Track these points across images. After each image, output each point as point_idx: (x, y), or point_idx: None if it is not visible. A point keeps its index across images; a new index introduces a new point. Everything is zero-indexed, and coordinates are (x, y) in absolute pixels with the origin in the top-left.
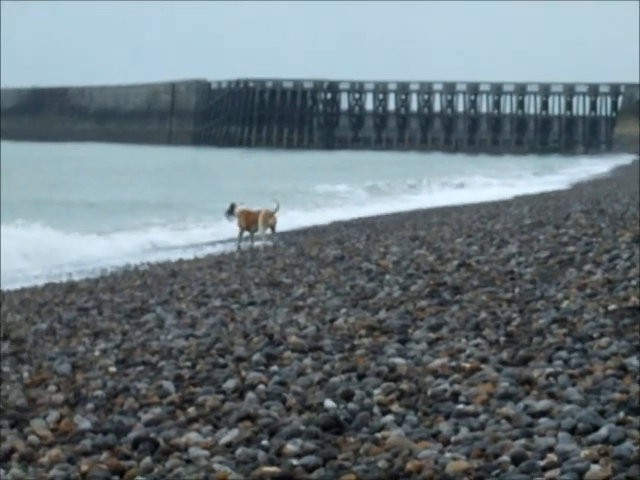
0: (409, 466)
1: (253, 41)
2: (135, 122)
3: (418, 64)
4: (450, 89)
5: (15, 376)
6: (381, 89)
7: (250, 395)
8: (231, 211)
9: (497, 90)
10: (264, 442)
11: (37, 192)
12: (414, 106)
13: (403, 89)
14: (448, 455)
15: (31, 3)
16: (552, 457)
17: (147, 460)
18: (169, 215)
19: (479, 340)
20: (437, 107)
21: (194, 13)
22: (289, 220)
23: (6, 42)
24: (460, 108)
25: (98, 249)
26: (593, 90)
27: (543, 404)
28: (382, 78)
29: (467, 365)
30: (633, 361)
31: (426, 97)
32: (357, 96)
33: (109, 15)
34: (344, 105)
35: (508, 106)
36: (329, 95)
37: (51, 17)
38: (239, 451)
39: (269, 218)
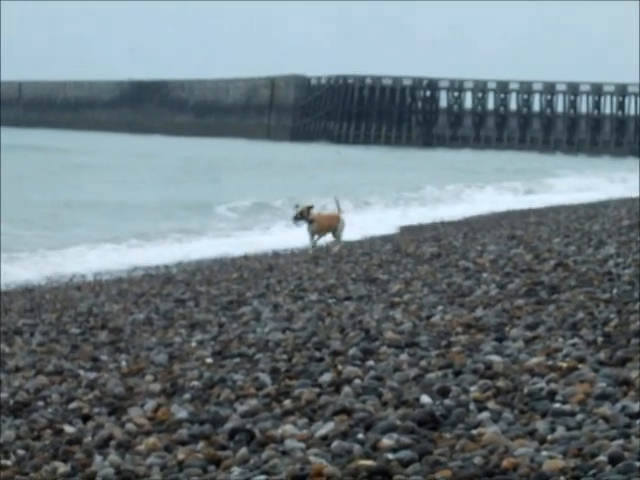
0: (505, 463)
1: (351, 37)
2: (234, 116)
3: (518, 64)
4: (550, 89)
5: (113, 365)
6: (480, 87)
7: (346, 389)
8: (301, 216)
9: (597, 91)
10: (360, 436)
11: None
12: (513, 105)
13: (502, 88)
14: (544, 453)
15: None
16: None
17: (243, 451)
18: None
19: (576, 340)
20: (536, 107)
21: (292, 10)
22: (389, 218)
23: (106, 36)
24: (559, 108)
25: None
26: None
27: None
28: (481, 77)
29: (564, 364)
30: None
31: (525, 97)
32: (456, 94)
33: (209, 10)
34: (443, 103)
35: (608, 107)
36: (428, 93)
37: (149, 11)
38: (335, 444)
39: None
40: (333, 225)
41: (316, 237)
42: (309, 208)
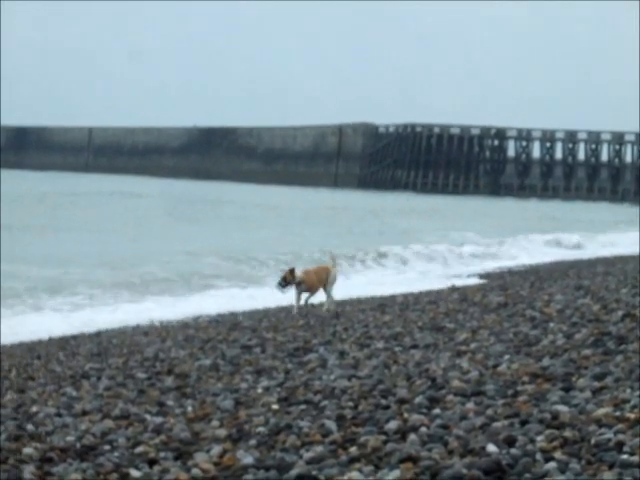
0: None
1: (419, 85)
2: (302, 164)
3: (585, 113)
4: (618, 139)
5: (179, 410)
6: (548, 137)
7: (412, 437)
8: (285, 281)
9: None
10: None
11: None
12: (581, 155)
13: (570, 138)
14: None
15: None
16: None
17: None
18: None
19: None
20: (604, 156)
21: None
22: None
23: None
24: (628, 158)
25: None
26: None
27: None
28: (549, 126)
29: (632, 415)
30: None
31: (593, 146)
32: (524, 144)
33: (278, 57)
34: (511, 152)
35: None
36: (496, 142)
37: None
38: None
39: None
40: (323, 278)
41: (307, 296)
42: (291, 271)
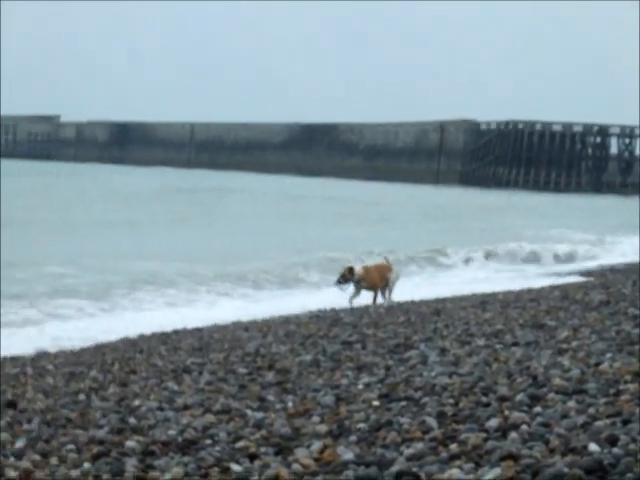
0: None
1: (521, 81)
2: (403, 160)
3: None
4: None
5: (280, 405)
6: None
7: (513, 435)
8: (344, 279)
9: None
10: None
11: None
12: None
13: None
14: None
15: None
16: None
17: None
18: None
19: None
20: None
21: (462, 54)
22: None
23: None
24: None
25: None
26: None
27: None
28: None
29: None
30: None
31: None
32: (627, 141)
33: (377, 53)
34: (613, 149)
35: None
36: (598, 139)
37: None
38: None
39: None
40: (385, 276)
41: (373, 294)
42: (350, 269)
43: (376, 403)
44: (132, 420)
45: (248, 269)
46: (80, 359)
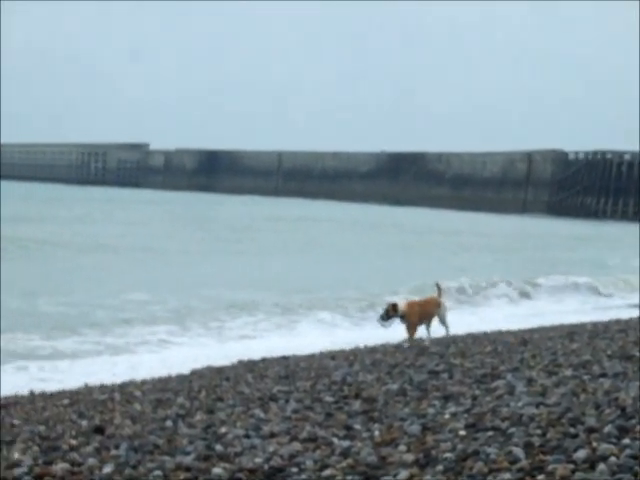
0: None
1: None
2: (490, 190)
3: None
4: None
5: (366, 434)
6: None
7: (601, 466)
8: (388, 315)
9: None
10: None
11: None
12: None
13: None
14: None
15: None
16: None
17: None
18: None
19: None
20: None
21: (548, 85)
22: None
23: (359, 108)
24: None
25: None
26: None
27: None
28: None
29: None
30: None
31: None
32: None
33: (468, 82)
34: None
35: None
36: None
37: (408, 86)
38: None
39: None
40: (431, 311)
41: (426, 327)
42: (394, 305)
43: (463, 433)
44: (219, 447)
45: (337, 297)
46: (167, 386)
